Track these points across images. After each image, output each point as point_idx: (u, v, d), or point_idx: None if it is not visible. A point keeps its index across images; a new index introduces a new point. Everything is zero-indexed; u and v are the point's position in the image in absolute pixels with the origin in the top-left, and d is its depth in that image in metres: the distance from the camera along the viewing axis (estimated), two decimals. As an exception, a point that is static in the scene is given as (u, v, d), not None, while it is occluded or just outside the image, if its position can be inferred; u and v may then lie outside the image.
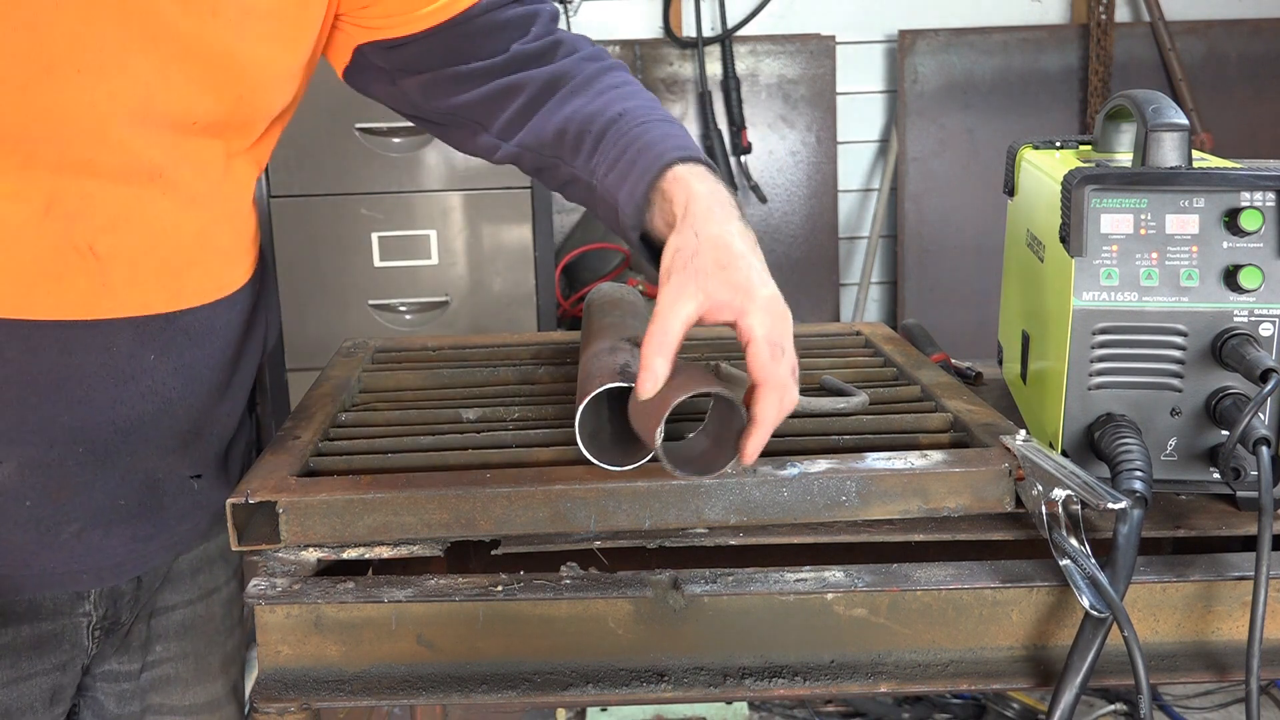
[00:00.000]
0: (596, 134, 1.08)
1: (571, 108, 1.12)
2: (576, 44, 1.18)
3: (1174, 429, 1.03)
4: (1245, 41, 3.60)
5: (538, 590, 0.93)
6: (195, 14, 0.95)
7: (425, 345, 1.48)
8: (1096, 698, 2.70)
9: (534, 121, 1.13)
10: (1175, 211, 1.01)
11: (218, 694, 1.25)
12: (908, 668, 0.95)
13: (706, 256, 0.93)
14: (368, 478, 1.01)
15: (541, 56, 1.16)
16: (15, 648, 1.05)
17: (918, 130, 3.60)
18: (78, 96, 0.92)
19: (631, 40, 3.59)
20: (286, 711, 0.92)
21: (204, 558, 1.21)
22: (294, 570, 0.96)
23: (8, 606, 1.04)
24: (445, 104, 1.17)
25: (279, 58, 1.04)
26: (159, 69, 0.95)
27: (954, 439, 1.12)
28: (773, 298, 0.94)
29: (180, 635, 1.20)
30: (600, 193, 1.08)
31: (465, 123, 1.18)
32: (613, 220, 1.08)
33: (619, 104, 1.10)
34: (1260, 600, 0.89)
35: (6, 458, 0.98)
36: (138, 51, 0.94)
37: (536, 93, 1.14)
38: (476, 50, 1.14)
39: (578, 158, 1.11)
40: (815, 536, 1.00)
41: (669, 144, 1.03)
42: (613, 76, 1.15)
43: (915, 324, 1.57)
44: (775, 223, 3.66)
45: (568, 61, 1.16)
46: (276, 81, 1.06)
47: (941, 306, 3.61)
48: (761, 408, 0.92)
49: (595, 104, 1.11)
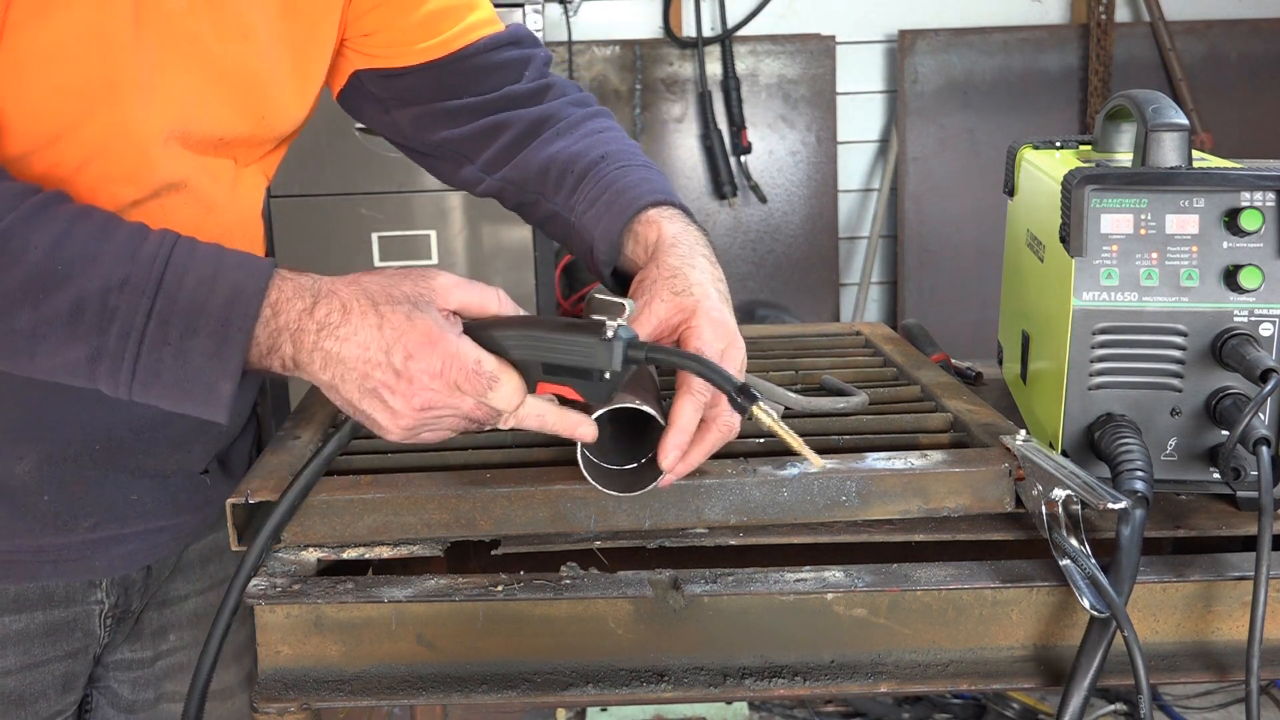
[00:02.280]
0: (578, 174, 1.13)
1: (556, 148, 1.17)
2: (566, 88, 1.23)
3: (1174, 429, 1.03)
4: (1245, 41, 3.60)
5: (538, 590, 0.93)
6: (229, 39, 1.00)
7: (425, 345, 1.47)
8: (1097, 698, 2.70)
9: (519, 158, 1.18)
10: (1175, 211, 1.00)
11: (230, 682, 1.27)
12: (908, 668, 0.95)
13: (663, 285, 0.98)
14: (368, 478, 1.01)
15: (531, 98, 1.20)
16: (29, 634, 1.07)
17: (918, 130, 3.60)
18: (132, 114, 0.96)
19: (631, 40, 3.59)
20: (286, 711, 0.92)
21: (214, 548, 1.24)
22: (294, 570, 0.96)
23: (21, 593, 1.06)
24: (434, 136, 1.21)
25: (297, 81, 1.09)
26: (197, 90, 1.00)
27: (954, 439, 1.12)
28: (718, 319, 0.96)
29: (192, 624, 1.23)
30: (577, 229, 1.13)
31: (452, 155, 1.22)
32: (587, 256, 1.13)
33: (601, 148, 1.15)
34: (1260, 600, 0.89)
35: (27, 454, 1.02)
36: (181, 72, 0.98)
37: (523, 131, 1.19)
38: (469, 87, 1.18)
39: (558, 195, 1.15)
40: (815, 536, 0.99)
41: (646, 188, 1.09)
42: (597, 122, 1.21)
43: (915, 324, 1.57)
44: (775, 223, 3.66)
45: (556, 104, 1.21)
46: (294, 104, 1.11)
47: (941, 306, 3.62)
48: (677, 410, 0.93)
49: (579, 145, 1.16)
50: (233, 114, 1.04)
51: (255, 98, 1.05)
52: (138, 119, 0.97)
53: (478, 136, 1.20)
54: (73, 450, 1.04)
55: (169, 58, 0.97)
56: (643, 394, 0.94)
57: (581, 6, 3.58)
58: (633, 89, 3.59)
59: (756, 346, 1.45)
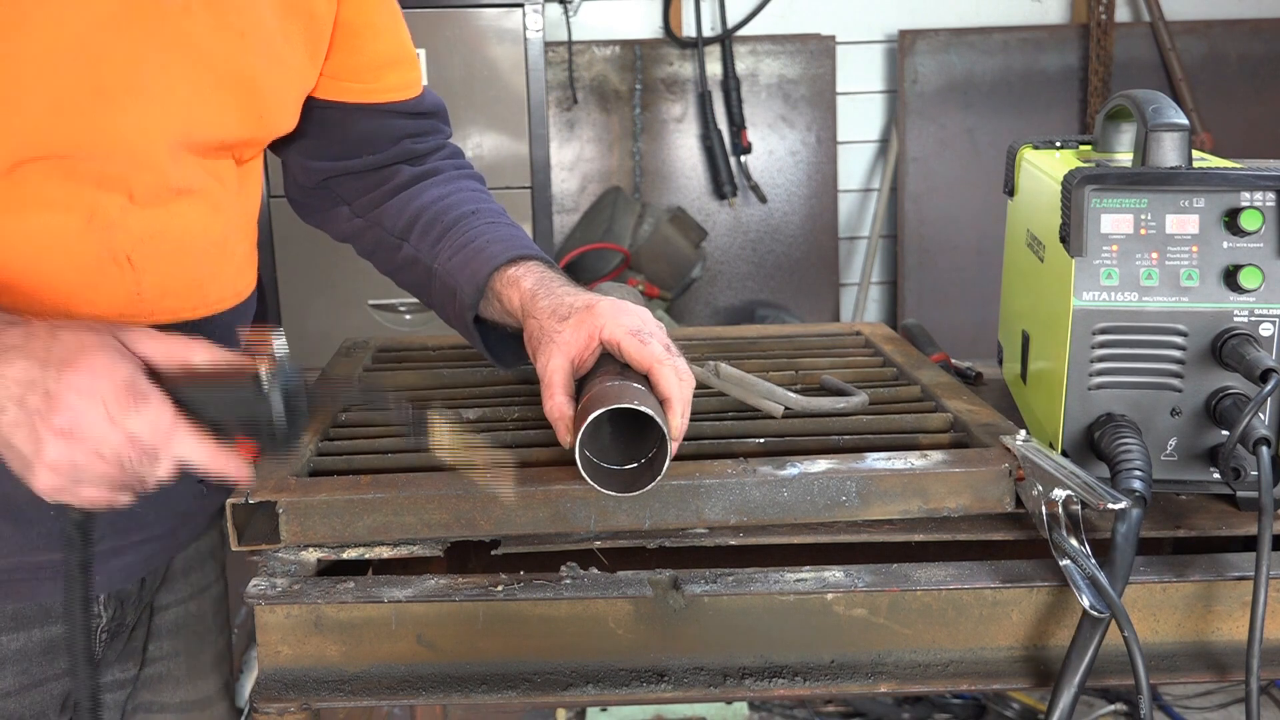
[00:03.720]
0: (448, 224, 1.18)
1: (431, 196, 1.22)
2: (455, 153, 1.30)
3: (1174, 429, 1.03)
4: (1245, 41, 3.60)
5: (538, 590, 0.93)
6: (226, 39, 1.01)
7: (425, 345, 1.48)
8: (1096, 698, 2.70)
9: (392, 203, 1.23)
10: (1175, 211, 1.00)
11: (209, 692, 1.26)
12: (908, 668, 0.95)
13: (549, 321, 1.04)
14: (368, 478, 1.01)
15: (423, 156, 1.26)
16: (27, 653, 1.06)
17: (918, 130, 3.60)
18: (128, 119, 0.96)
19: (631, 40, 3.59)
20: (286, 711, 0.92)
21: (196, 556, 1.24)
22: (294, 570, 0.96)
23: (19, 611, 1.05)
24: (325, 175, 1.24)
25: (292, 82, 1.11)
26: (197, 93, 1.00)
27: (954, 439, 1.12)
28: (612, 303, 1.03)
29: (173, 634, 1.22)
30: (440, 275, 1.17)
31: (331, 196, 1.26)
32: (448, 303, 1.17)
33: (474, 204, 1.21)
34: (1260, 600, 0.89)
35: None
36: (180, 77, 0.98)
37: (404, 181, 1.24)
38: (379, 137, 1.22)
39: (424, 241, 1.20)
40: (815, 536, 1.00)
41: (513, 243, 1.15)
42: (473, 184, 1.27)
43: (915, 324, 1.57)
44: (775, 223, 3.66)
45: (440, 162, 1.27)
46: (289, 104, 1.12)
47: (941, 306, 3.61)
48: (665, 385, 0.98)
49: (453, 198, 1.22)
50: (231, 115, 1.04)
51: (253, 98, 1.05)
52: (134, 123, 0.96)
53: (365, 182, 1.24)
54: None
55: (169, 61, 0.97)
56: (640, 394, 0.94)
57: (581, 6, 3.58)
58: (633, 89, 3.59)
59: (756, 346, 1.45)
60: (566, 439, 0.97)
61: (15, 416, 0.79)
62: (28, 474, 0.81)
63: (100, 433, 0.79)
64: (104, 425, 0.79)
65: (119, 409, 0.79)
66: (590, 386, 0.98)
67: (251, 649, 1.08)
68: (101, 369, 0.80)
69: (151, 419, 0.81)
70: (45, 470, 0.80)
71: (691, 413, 1.00)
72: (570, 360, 1.01)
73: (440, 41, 2.97)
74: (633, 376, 0.98)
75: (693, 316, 3.66)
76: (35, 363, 0.79)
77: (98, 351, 0.81)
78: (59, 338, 0.81)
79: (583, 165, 3.62)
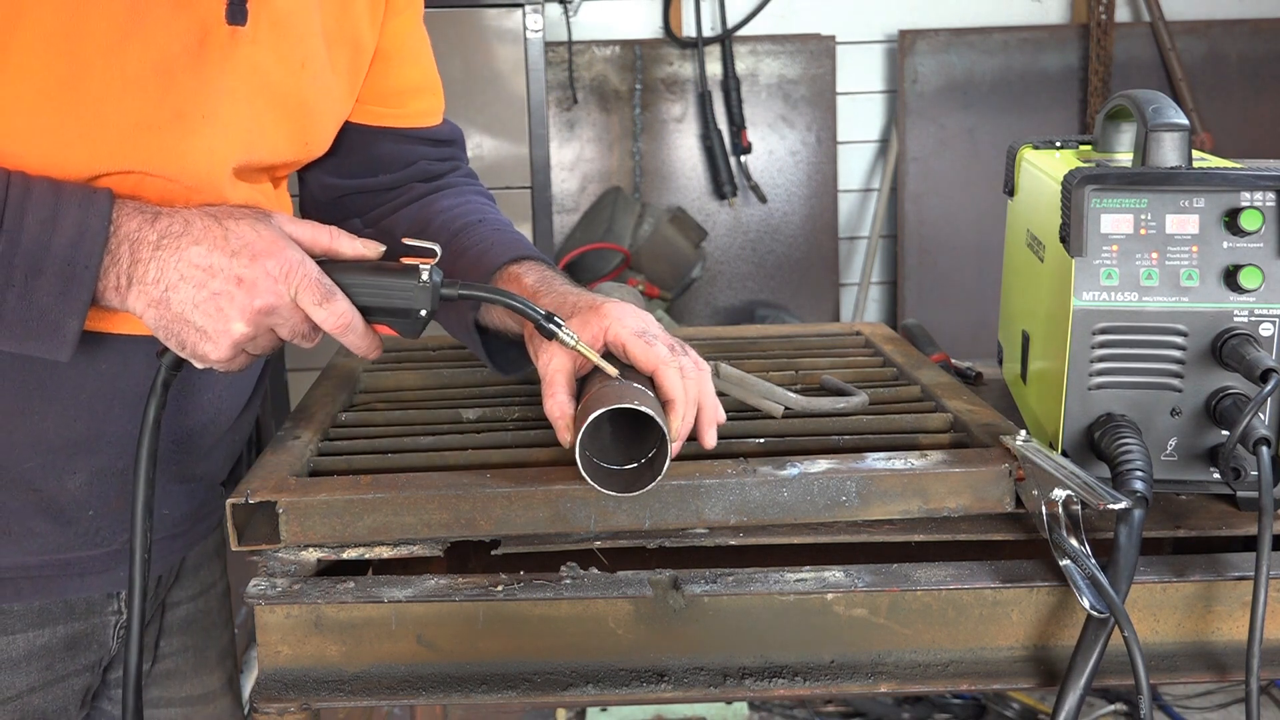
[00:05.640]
0: (454, 231, 1.20)
1: (442, 205, 1.24)
2: (469, 174, 1.32)
3: (1174, 429, 1.03)
4: (1245, 41, 3.60)
5: (538, 590, 0.93)
6: (289, 69, 1.04)
7: (425, 345, 1.48)
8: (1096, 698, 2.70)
9: (403, 214, 1.24)
10: (1175, 211, 1.00)
11: (214, 686, 1.28)
12: (908, 668, 0.95)
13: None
14: (368, 478, 1.01)
15: (438, 176, 1.28)
16: (50, 649, 1.08)
17: (918, 130, 3.60)
18: (199, 142, 0.98)
19: (631, 40, 3.59)
20: (286, 711, 0.92)
21: (204, 554, 1.26)
22: (294, 570, 0.96)
23: (45, 608, 1.07)
24: (341, 191, 1.25)
25: (336, 109, 1.14)
26: (258, 119, 1.03)
27: (954, 439, 1.12)
28: (618, 304, 1.03)
29: (182, 630, 1.24)
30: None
31: (343, 209, 1.26)
32: (450, 308, 1.16)
33: (479, 215, 1.24)
34: (1260, 600, 0.89)
35: (81, 468, 1.03)
36: (244, 101, 1.01)
37: (416, 195, 1.25)
38: (396, 158, 1.24)
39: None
40: (815, 536, 0.99)
41: (515, 246, 1.16)
42: (482, 199, 1.29)
43: (915, 324, 1.57)
44: (775, 223, 3.66)
45: (454, 178, 1.30)
46: (331, 130, 1.16)
47: (941, 306, 3.62)
48: (670, 387, 0.98)
49: (462, 209, 1.23)
50: (285, 141, 1.07)
51: (304, 124, 1.08)
52: (205, 146, 0.98)
53: (379, 198, 1.26)
54: (122, 464, 1.04)
55: (235, 86, 1.00)
56: (641, 394, 0.94)
57: (581, 6, 3.58)
58: (633, 89, 3.59)
59: (756, 346, 1.46)
60: (567, 438, 0.97)
61: (194, 296, 0.88)
62: (202, 344, 0.90)
63: (290, 318, 0.92)
64: (293, 312, 0.91)
65: (310, 300, 0.91)
66: (591, 386, 0.98)
67: (251, 649, 1.09)
68: (293, 262, 0.91)
69: (338, 311, 0.93)
70: (229, 344, 0.90)
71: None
72: (572, 359, 1.01)
73: (440, 41, 2.94)
74: (634, 377, 0.98)
75: (693, 316, 3.66)
76: (218, 249, 0.89)
77: (285, 245, 0.91)
78: (231, 228, 0.90)
79: (583, 165, 3.62)
